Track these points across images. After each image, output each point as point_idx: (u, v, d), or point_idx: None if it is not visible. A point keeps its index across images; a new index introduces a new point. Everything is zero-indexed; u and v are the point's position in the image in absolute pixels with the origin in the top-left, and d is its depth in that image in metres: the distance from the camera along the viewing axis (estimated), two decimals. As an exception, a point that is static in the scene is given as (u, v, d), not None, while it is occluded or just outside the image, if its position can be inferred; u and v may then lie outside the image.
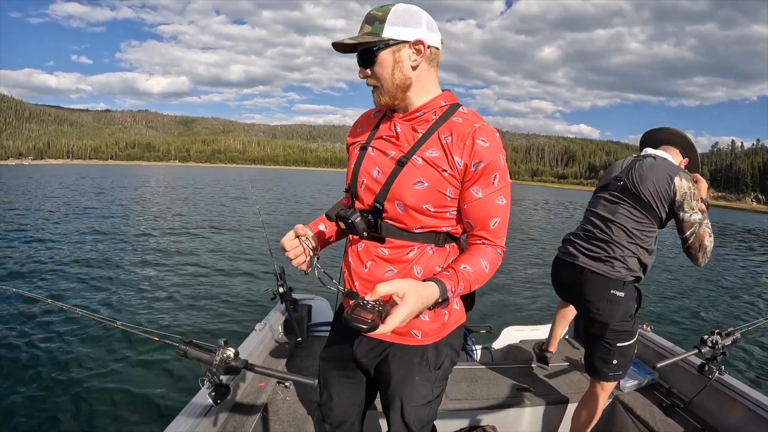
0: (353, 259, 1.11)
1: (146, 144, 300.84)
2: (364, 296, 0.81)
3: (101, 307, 5.56)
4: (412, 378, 1.10)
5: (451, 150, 0.99)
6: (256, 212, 16.91)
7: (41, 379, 3.70)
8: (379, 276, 1.06)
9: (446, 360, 1.14)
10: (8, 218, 12.75)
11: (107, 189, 28.08)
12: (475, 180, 1.00)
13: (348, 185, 1.12)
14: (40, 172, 57.53)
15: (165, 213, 16.64)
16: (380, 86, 1.03)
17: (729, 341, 1.86)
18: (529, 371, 2.43)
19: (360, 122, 1.22)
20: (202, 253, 9.46)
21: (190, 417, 1.49)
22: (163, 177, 54.58)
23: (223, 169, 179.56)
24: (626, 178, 1.83)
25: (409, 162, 1.01)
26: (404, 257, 1.05)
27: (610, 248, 1.77)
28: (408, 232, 1.04)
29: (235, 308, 5.85)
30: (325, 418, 1.22)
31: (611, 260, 1.77)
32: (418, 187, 1.00)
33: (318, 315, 2.86)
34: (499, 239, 1.04)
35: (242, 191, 30.77)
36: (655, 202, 1.75)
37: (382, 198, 1.03)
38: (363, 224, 1.03)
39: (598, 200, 1.91)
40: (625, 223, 1.77)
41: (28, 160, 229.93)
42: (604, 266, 1.77)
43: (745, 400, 1.82)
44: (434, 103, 1.06)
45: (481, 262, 1.01)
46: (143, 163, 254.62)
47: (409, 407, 1.11)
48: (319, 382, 1.26)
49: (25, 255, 8.24)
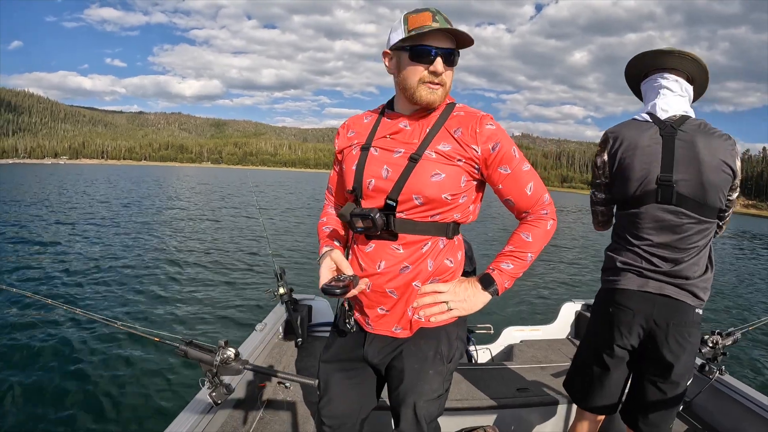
0: (363, 260, 1.12)
1: (179, 146, 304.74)
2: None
3: (102, 307, 5.56)
4: (426, 372, 1.12)
5: (465, 141, 1.07)
6: (258, 213, 16.93)
7: (41, 378, 3.71)
8: (394, 273, 1.09)
9: (457, 353, 1.17)
10: (9, 218, 12.75)
11: (116, 189, 28.09)
12: (500, 160, 1.08)
13: (351, 186, 1.13)
14: (74, 171, 57.47)
15: (169, 213, 16.64)
16: (445, 87, 1.08)
17: (729, 341, 1.86)
18: (529, 371, 2.43)
19: (350, 127, 1.23)
20: (202, 253, 9.46)
21: (190, 417, 1.49)
22: (188, 178, 54.63)
23: (253, 171, 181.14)
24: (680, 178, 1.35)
25: (422, 157, 1.06)
26: (419, 252, 1.09)
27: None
28: (422, 224, 1.08)
29: (235, 309, 5.85)
30: (324, 421, 1.21)
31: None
32: (436, 179, 1.05)
33: (318, 315, 2.86)
34: (538, 203, 1.12)
35: (257, 193, 30.75)
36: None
37: (396, 194, 1.06)
38: (381, 221, 1.05)
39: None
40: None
41: (64, 159, 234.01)
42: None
43: (745, 400, 1.82)
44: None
45: (521, 235, 1.12)
46: (176, 164, 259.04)
47: (421, 402, 1.12)
48: (319, 384, 1.26)
49: (25, 255, 8.24)
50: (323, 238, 1.25)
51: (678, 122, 1.37)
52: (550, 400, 2.14)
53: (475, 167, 1.08)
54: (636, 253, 1.40)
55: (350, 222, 1.07)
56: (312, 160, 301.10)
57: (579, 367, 1.60)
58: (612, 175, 1.46)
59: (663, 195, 1.35)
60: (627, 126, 1.45)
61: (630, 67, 1.55)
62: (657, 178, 1.35)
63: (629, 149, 1.39)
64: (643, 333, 1.38)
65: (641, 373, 1.43)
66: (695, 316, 1.36)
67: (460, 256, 1.16)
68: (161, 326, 5.01)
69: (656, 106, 1.42)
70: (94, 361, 4.04)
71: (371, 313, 1.14)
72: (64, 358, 4.08)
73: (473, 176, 1.10)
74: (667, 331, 1.34)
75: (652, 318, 1.35)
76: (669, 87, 1.42)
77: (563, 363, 2.55)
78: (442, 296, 1.11)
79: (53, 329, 4.65)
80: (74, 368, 3.91)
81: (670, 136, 1.35)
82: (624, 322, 1.39)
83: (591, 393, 1.52)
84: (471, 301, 1.12)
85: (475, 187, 1.13)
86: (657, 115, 1.41)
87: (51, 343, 4.36)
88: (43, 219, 13.11)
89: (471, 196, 1.12)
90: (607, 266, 1.50)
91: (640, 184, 1.37)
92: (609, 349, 1.43)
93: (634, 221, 1.40)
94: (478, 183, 1.14)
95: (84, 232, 11.25)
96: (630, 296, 1.39)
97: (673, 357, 1.34)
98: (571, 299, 3.14)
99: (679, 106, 1.40)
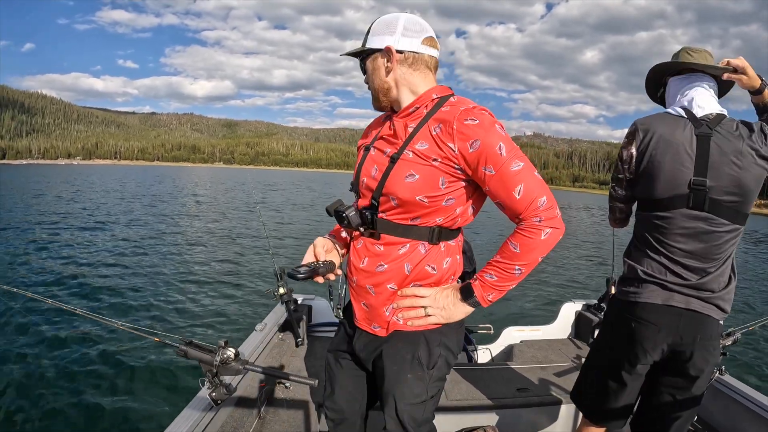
0: (353, 254, 1.18)
1: (191, 146, 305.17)
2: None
3: (101, 307, 5.56)
4: (404, 375, 1.12)
5: (441, 139, 1.00)
6: (257, 212, 16.94)
7: (41, 378, 3.71)
8: (372, 271, 1.11)
9: (440, 360, 1.13)
10: (9, 218, 12.75)
11: (122, 189, 28.09)
12: (483, 159, 0.98)
13: (352, 184, 1.19)
14: (87, 172, 57.39)
15: (169, 213, 16.64)
16: (373, 90, 1.13)
17: (729, 341, 1.85)
18: (529, 371, 2.43)
19: (371, 126, 1.28)
20: (202, 253, 9.47)
21: (190, 417, 1.50)
22: (196, 178, 54.61)
23: (265, 171, 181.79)
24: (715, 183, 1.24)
25: (400, 157, 1.05)
26: (396, 254, 1.09)
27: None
28: (402, 226, 1.08)
29: (235, 309, 5.85)
30: (327, 413, 1.25)
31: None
32: (409, 180, 1.03)
33: (318, 315, 2.86)
34: (530, 208, 0.98)
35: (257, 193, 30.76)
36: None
37: (378, 194, 1.08)
38: (357, 219, 1.09)
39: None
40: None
41: (77, 160, 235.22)
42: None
43: (745, 400, 1.82)
44: (425, 98, 1.09)
45: (509, 244, 1.02)
46: (189, 165, 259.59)
47: (402, 405, 1.11)
48: (326, 375, 1.30)
49: (25, 255, 8.24)
50: (334, 229, 1.31)
51: (714, 122, 1.26)
52: (550, 400, 2.13)
53: (455, 167, 1.01)
54: (660, 263, 1.30)
55: (335, 218, 1.14)
56: (324, 160, 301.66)
57: (592, 380, 1.51)
58: (638, 171, 1.33)
59: (695, 200, 1.24)
60: (659, 119, 1.32)
61: (656, 68, 1.46)
62: (690, 182, 1.23)
63: (660, 145, 1.27)
64: (668, 348, 1.30)
65: (658, 384, 1.37)
66: (719, 327, 1.31)
67: (447, 263, 1.11)
68: (161, 326, 5.01)
69: (693, 102, 1.31)
70: (94, 361, 4.04)
71: (357, 307, 1.18)
72: (64, 357, 4.08)
73: (457, 177, 1.02)
74: (693, 346, 1.27)
75: (678, 333, 1.27)
76: (705, 86, 1.34)
77: (563, 363, 2.55)
78: (422, 301, 1.09)
79: (53, 329, 4.65)
80: (74, 368, 3.91)
81: (705, 136, 1.24)
82: (648, 337, 1.30)
83: (604, 407, 1.45)
84: (450, 311, 1.08)
85: (465, 189, 1.06)
86: (693, 111, 1.30)
87: (50, 342, 4.36)
88: (43, 219, 13.10)
89: (461, 200, 1.06)
90: (627, 276, 1.39)
91: (671, 187, 1.26)
92: (630, 365, 1.35)
93: (659, 226, 1.30)
94: (469, 184, 1.06)
95: (84, 232, 11.25)
96: (654, 310, 1.30)
97: (697, 371, 1.29)
98: (572, 299, 3.14)
99: (715, 105, 1.32)
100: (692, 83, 1.36)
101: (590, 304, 2.97)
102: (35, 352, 4.15)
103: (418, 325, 1.10)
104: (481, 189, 1.06)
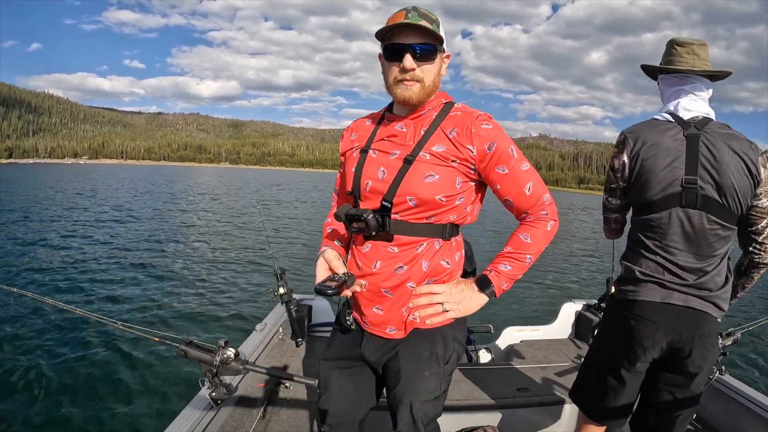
0: (360, 260, 1.14)
1: (198, 146, 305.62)
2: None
3: (102, 307, 5.57)
4: (422, 373, 1.12)
5: (460, 141, 1.06)
6: (257, 212, 16.93)
7: (41, 378, 3.71)
8: (389, 273, 1.10)
9: (453, 354, 1.16)
10: (10, 218, 12.75)
11: (122, 189, 28.11)
12: (496, 160, 1.06)
13: (350, 188, 1.15)
14: (93, 171, 57.33)
15: (169, 213, 16.64)
16: (422, 83, 1.06)
17: (729, 341, 1.86)
18: (529, 371, 2.43)
19: (353, 130, 1.25)
20: (202, 253, 9.47)
21: (190, 417, 1.50)
22: (198, 178, 54.66)
23: (271, 171, 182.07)
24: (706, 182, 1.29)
25: (416, 159, 1.06)
26: (414, 253, 1.09)
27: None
28: (418, 225, 1.08)
29: (235, 309, 5.86)
30: (324, 420, 1.23)
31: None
32: (429, 180, 1.05)
33: (318, 315, 2.86)
34: (538, 203, 1.10)
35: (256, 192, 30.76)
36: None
37: (391, 196, 1.06)
38: (375, 222, 1.06)
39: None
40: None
41: (84, 159, 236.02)
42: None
43: (745, 400, 1.82)
44: (435, 102, 1.12)
45: (520, 236, 1.11)
46: (195, 165, 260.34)
47: (418, 403, 1.12)
48: (320, 383, 1.27)
49: (25, 255, 8.24)
50: (325, 237, 1.28)
51: (701, 123, 1.31)
52: (550, 400, 2.14)
53: (471, 168, 1.07)
54: (658, 263, 1.33)
55: (345, 223, 1.09)
56: (330, 160, 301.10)
57: (591, 379, 1.53)
58: (631, 178, 1.37)
59: (687, 198, 1.27)
60: (646, 126, 1.37)
61: (643, 68, 1.49)
62: (682, 181, 1.27)
63: (651, 150, 1.31)
64: (667, 346, 1.32)
65: (657, 382, 1.39)
66: (717, 325, 1.33)
67: (458, 257, 1.16)
68: (161, 326, 5.01)
69: (679, 106, 1.36)
70: (94, 361, 4.05)
71: (368, 313, 1.15)
72: (64, 357, 4.08)
73: (470, 177, 1.09)
74: (692, 343, 1.30)
75: (677, 331, 1.30)
76: (689, 87, 1.36)
77: (563, 363, 2.55)
78: (438, 297, 1.11)
79: (53, 329, 4.66)
80: (74, 368, 3.91)
81: (694, 136, 1.28)
82: (647, 335, 1.33)
83: (604, 405, 1.46)
84: (467, 303, 1.11)
85: (474, 189, 1.12)
86: (679, 115, 1.34)
87: (50, 342, 4.36)
88: (43, 219, 13.11)
89: (469, 198, 1.11)
90: (624, 276, 1.42)
91: (664, 187, 1.30)
92: (629, 363, 1.37)
93: (654, 227, 1.33)
94: (477, 184, 1.12)
95: (84, 232, 11.25)
96: (653, 309, 1.32)
97: (696, 368, 1.31)
98: (572, 299, 3.14)
99: (701, 107, 1.35)
100: (679, 86, 1.39)
101: (590, 304, 2.97)
102: (35, 352, 4.15)
103: (436, 321, 1.12)
104: (484, 190, 1.15)
